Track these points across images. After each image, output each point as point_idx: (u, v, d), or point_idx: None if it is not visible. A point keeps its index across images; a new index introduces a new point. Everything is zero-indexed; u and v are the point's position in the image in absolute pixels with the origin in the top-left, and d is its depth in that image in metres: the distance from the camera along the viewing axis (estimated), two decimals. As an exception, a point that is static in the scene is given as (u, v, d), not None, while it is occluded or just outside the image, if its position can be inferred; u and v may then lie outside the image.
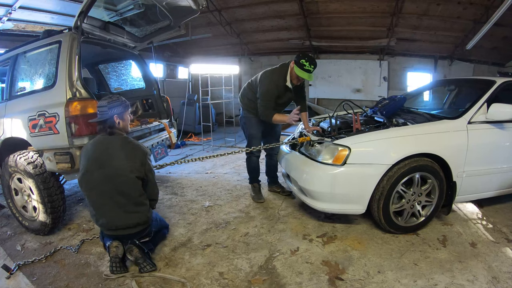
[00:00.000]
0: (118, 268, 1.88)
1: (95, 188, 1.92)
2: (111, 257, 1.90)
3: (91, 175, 1.91)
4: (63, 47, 2.29)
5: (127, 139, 2.04)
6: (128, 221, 1.94)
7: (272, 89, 2.71)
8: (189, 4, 2.82)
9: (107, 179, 1.89)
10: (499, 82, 2.56)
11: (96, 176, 1.90)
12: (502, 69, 6.77)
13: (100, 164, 1.91)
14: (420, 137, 2.27)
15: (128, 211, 1.94)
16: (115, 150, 1.94)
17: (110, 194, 1.90)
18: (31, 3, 3.95)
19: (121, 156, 1.93)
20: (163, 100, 3.65)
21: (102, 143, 1.97)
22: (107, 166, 1.90)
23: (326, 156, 2.29)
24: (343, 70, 8.11)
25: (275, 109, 2.76)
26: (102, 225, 1.97)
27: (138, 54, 3.49)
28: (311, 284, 1.80)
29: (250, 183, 3.19)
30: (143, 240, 2.01)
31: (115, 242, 1.92)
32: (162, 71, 8.30)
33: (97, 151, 1.94)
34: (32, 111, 2.30)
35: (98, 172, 1.90)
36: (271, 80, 2.73)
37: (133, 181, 1.94)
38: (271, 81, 2.72)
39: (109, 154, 1.93)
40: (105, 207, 1.92)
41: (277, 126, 3.16)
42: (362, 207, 2.25)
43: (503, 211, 2.73)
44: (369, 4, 5.91)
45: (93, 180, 1.91)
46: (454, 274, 1.86)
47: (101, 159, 1.92)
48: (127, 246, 1.93)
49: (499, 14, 4.69)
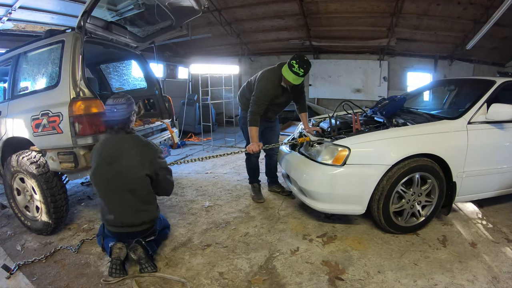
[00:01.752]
0: (118, 271, 1.86)
1: (104, 183, 1.93)
2: (113, 259, 1.88)
3: (102, 170, 1.93)
4: (66, 46, 2.29)
5: (139, 137, 2.06)
6: (135, 219, 1.96)
7: (268, 89, 2.63)
8: (191, 4, 2.82)
9: (117, 176, 1.91)
10: (499, 82, 2.56)
11: (106, 172, 1.92)
12: (502, 69, 6.77)
13: (111, 160, 1.92)
14: (420, 138, 2.27)
15: (136, 209, 1.96)
16: (126, 148, 1.96)
17: (119, 190, 1.93)
18: (31, 3, 3.96)
19: (132, 153, 1.95)
20: (165, 100, 3.65)
21: (114, 140, 1.99)
22: (117, 163, 1.92)
23: (326, 157, 2.29)
24: (343, 70, 8.10)
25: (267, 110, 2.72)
26: (108, 221, 1.97)
27: (140, 54, 3.49)
28: (311, 284, 1.80)
29: (250, 183, 3.19)
30: (148, 239, 2.01)
31: (119, 243, 1.89)
32: (162, 71, 8.30)
33: (108, 148, 1.96)
34: (35, 110, 2.29)
35: (109, 168, 1.92)
36: (268, 79, 2.66)
37: (142, 179, 1.95)
38: (268, 80, 2.66)
39: (120, 151, 1.95)
40: (113, 203, 1.94)
41: (276, 126, 3.15)
42: (362, 208, 2.25)
43: (503, 211, 2.73)
44: (369, 4, 5.91)
45: (103, 175, 1.93)
46: (454, 274, 1.86)
47: (112, 155, 1.94)
48: (132, 244, 1.92)
49: (499, 14, 4.69)
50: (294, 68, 2.45)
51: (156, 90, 3.63)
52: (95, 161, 1.95)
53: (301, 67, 2.44)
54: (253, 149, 2.57)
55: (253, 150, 2.58)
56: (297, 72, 2.45)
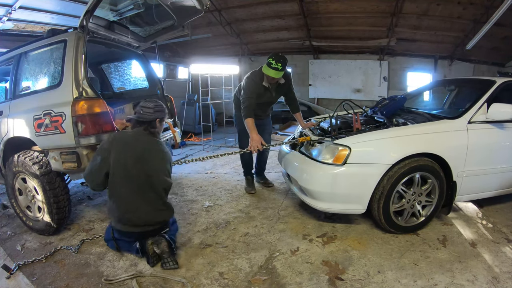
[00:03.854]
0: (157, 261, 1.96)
1: (130, 182, 1.94)
2: (151, 255, 1.93)
3: (128, 168, 1.94)
4: (68, 46, 2.28)
5: (162, 144, 2.15)
6: (157, 218, 2.03)
7: (251, 87, 2.81)
8: (193, 4, 2.82)
9: (144, 175, 1.95)
10: (499, 82, 2.56)
11: (133, 170, 1.94)
12: (502, 69, 6.78)
13: (140, 160, 1.96)
14: (420, 137, 2.27)
15: (158, 209, 2.03)
16: (153, 150, 2.05)
17: (143, 189, 1.96)
18: (31, 3, 3.96)
19: (158, 156, 2.04)
20: (167, 100, 3.65)
21: (145, 140, 2.05)
22: (147, 163, 1.97)
23: (327, 156, 2.29)
24: (343, 70, 8.10)
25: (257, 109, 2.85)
26: (126, 220, 1.96)
27: (142, 53, 3.49)
28: (311, 284, 1.80)
29: (244, 176, 3.40)
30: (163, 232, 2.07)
31: (149, 240, 1.96)
32: (162, 71, 8.30)
33: (139, 146, 2.00)
34: (38, 110, 2.29)
35: (136, 166, 1.94)
36: (251, 79, 2.85)
37: (164, 182, 2.04)
38: (250, 80, 2.85)
39: (149, 151, 2.02)
40: (135, 202, 1.96)
41: (268, 124, 3.30)
42: (362, 207, 2.25)
43: (503, 211, 2.73)
44: (369, 4, 5.91)
45: (130, 174, 1.94)
46: (454, 274, 1.86)
47: (142, 155, 1.98)
48: (156, 237, 1.98)
49: (499, 14, 4.69)
50: (272, 65, 2.64)
51: (158, 90, 3.62)
52: (120, 152, 1.95)
53: (278, 61, 2.63)
54: (255, 147, 2.61)
55: (255, 149, 2.62)
56: (276, 67, 2.64)
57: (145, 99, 2.19)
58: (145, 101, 2.15)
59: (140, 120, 2.08)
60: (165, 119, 2.19)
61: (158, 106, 2.13)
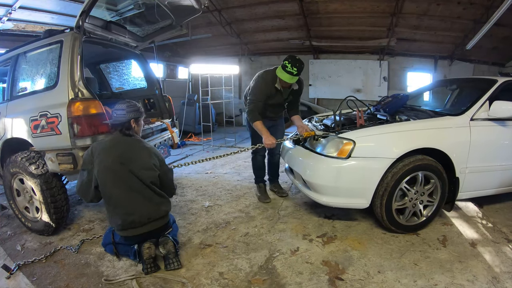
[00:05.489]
0: (153, 268, 1.91)
1: (122, 184, 1.92)
2: (146, 260, 1.89)
3: (115, 171, 1.92)
4: (64, 46, 2.28)
5: (144, 142, 2.13)
6: (159, 211, 2.02)
7: (261, 88, 2.71)
8: (191, 3, 2.82)
9: (133, 174, 1.94)
10: (501, 81, 2.58)
11: (120, 172, 1.92)
12: (503, 69, 6.77)
13: (124, 161, 1.94)
14: (423, 132, 2.28)
15: (156, 202, 2.02)
16: (136, 149, 2.03)
17: (138, 188, 1.95)
18: (31, 3, 3.96)
19: (143, 154, 2.02)
20: (165, 100, 3.65)
21: (123, 142, 2.03)
22: (131, 162, 1.95)
23: (331, 149, 2.28)
24: (343, 70, 8.10)
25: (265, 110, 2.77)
26: (130, 225, 1.93)
27: (140, 53, 3.49)
28: (311, 284, 1.80)
29: (256, 183, 3.20)
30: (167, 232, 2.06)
31: (146, 243, 1.92)
32: (162, 71, 8.29)
33: (119, 149, 1.98)
34: (34, 111, 2.29)
35: (122, 168, 1.92)
36: (263, 78, 2.75)
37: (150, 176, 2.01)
38: (262, 80, 2.74)
39: (132, 151, 2.00)
40: (135, 203, 1.94)
41: (281, 124, 3.14)
42: (366, 201, 2.24)
43: (503, 211, 2.73)
44: (369, 4, 5.91)
45: (118, 176, 1.92)
46: (454, 274, 1.86)
47: (124, 156, 1.96)
48: (162, 238, 1.97)
49: (499, 14, 4.69)
50: (287, 68, 2.53)
51: (156, 90, 3.62)
52: (103, 160, 1.93)
53: (294, 66, 2.51)
54: (269, 143, 2.57)
55: (269, 145, 2.58)
56: (291, 71, 2.52)
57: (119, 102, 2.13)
58: (118, 103, 2.10)
59: (115, 123, 2.05)
60: (141, 118, 2.14)
61: (131, 106, 2.08)
